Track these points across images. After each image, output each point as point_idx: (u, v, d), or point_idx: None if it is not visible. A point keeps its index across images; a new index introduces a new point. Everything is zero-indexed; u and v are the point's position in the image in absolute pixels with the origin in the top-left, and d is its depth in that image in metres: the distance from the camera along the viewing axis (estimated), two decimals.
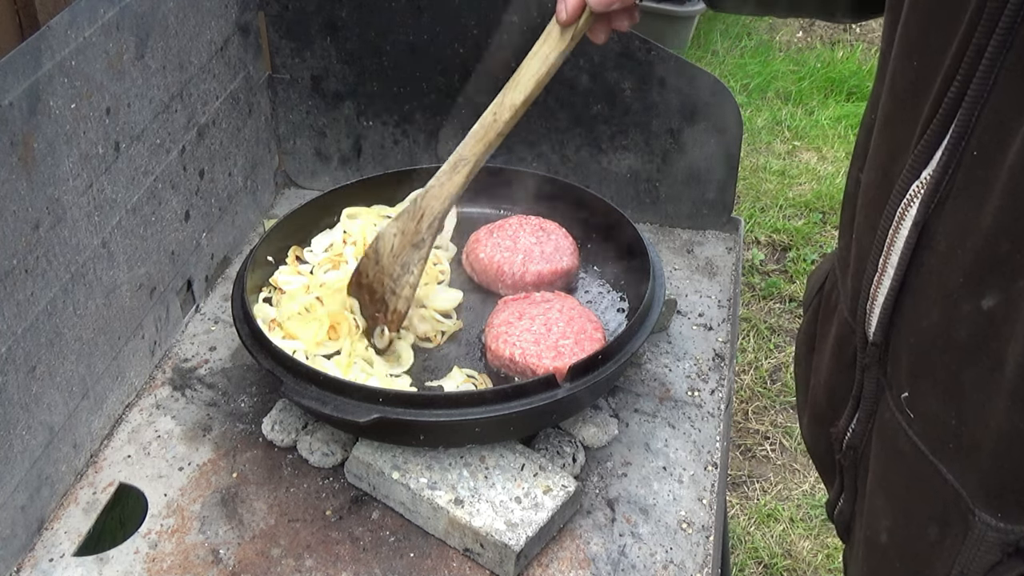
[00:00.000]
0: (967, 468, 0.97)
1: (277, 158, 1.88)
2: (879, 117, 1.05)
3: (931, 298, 0.96)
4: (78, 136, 1.25)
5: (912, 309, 0.99)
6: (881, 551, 1.11)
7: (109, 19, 1.29)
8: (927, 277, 0.96)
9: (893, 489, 1.09)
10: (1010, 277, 0.87)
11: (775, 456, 2.93)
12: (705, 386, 1.50)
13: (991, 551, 0.96)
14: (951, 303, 0.94)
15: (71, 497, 1.31)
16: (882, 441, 1.09)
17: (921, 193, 0.95)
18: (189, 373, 1.51)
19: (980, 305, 0.90)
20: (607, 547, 1.25)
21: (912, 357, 1.01)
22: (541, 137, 1.76)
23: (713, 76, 1.63)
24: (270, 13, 1.74)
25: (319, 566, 1.22)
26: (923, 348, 0.99)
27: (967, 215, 0.90)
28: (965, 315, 0.92)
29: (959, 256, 0.92)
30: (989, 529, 0.95)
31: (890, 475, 1.09)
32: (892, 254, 1.00)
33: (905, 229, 0.97)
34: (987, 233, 0.88)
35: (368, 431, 1.28)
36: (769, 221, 3.80)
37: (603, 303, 1.55)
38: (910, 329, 1.01)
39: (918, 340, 1.00)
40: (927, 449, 1.01)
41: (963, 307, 0.92)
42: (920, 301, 0.98)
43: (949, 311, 0.94)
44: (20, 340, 1.17)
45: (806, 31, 5.26)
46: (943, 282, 0.94)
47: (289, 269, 1.56)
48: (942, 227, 0.93)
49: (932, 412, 1.00)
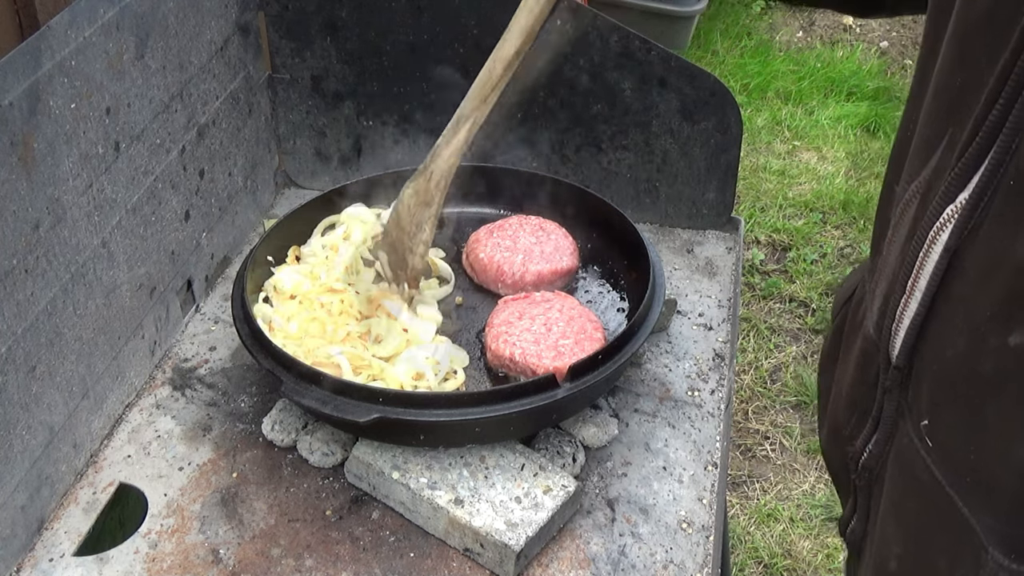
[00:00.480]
0: (983, 505, 0.94)
1: (277, 158, 1.88)
2: (919, 131, 1.01)
3: (958, 327, 0.93)
4: (78, 136, 1.25)
5: (937, 336, 0.96)
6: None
7: (109, 19, 1.29)
8: (955, 305, 0.93)
9: (906, 517, 1.06)
10: None
11: (775, 456, 2.93)
12: (705, 386, 1.50)
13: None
14: (978, 335, 0.90)
15: (71, 497, 1.31)
16: (898, 466, 1.06)
17: (955, 218, 0.91)
18: (189, 373, 1.51)
19: (1007, 341, 0.87)
20: (607, 547, 1.25)
21: (934, 385, 0.98)
22: (541, 137, 1.76)
23: (713, 76, 1.63)
24: (270, 13, 1.74)
25: (319, 566, 1.22)
26: (946, 377, 0.96)
27: (1001, 245, 0.87)
28: (992, 349, 0.89)
29: (989, 287, 0.88)
30: (1001, 569, 0.92)
31: (904, 502, 1.06)
32: (921, 278, 0.97)
33: (936, 253, 0.94)
34: (1020, 267, 0.85)
35: (368, 431, 1.28)
36: (769, 221, 3.80)
37: (603, 303, 1.55)
38: (934, 356, 0.97)
39: (941, 368, 0.96)
40: (944, 480, 0.97)
41: (990, 340, 0.89)
42: (946, 329, 0.95)
43: (975, 343, 0.91)
44: (20, 340, 1.17)
45: (806, 31, 5.26)
46: (971, 312, 0.91)
47: (290, 270, 1.56)
48: (974, 255, 0.90)
49: (951, 443, 0.97)
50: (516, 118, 1.75)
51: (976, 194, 0.89)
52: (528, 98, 1.73)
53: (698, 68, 1.63)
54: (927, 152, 0.99)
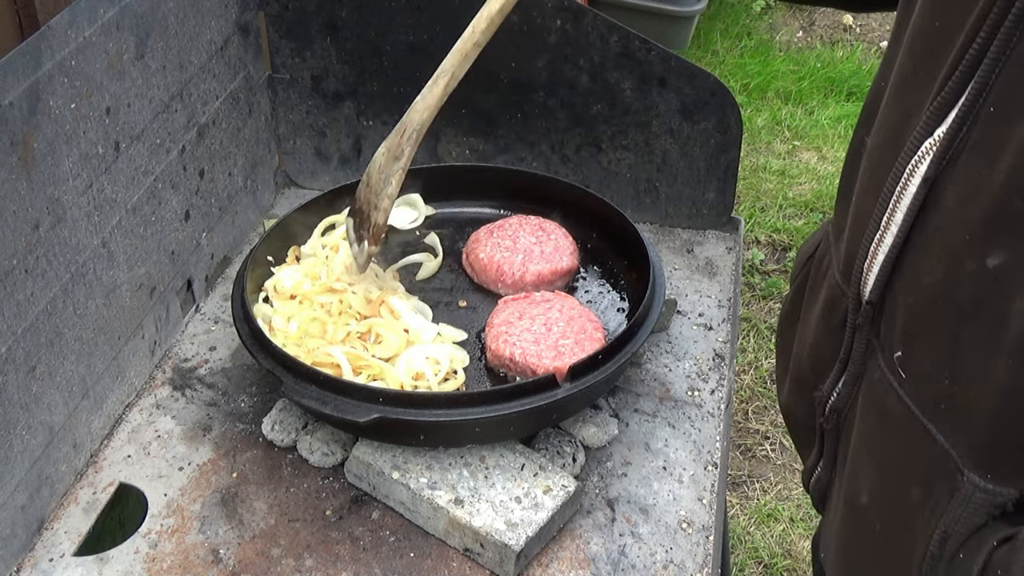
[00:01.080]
0: (959, 428, 0.96)
1: (277, 158, 1.88)
2: (894, 79, 1.05)
3: (934, 256, 0.96)
4: (78, 136, 1.25)
5: (913, 268, 0.99)
6: (861, 512, 1.11)
7: (109, 19, 1.29)
8: (931, 235, 0.96)
9: (878, 450, 1.08)
10: (1019, 235, 0.87)
11: (775, 456, 2.93)
12: (705, 386, 1.50)
13: (977, 513, 0.95)
14: (955, 261, 0.93)
15: (71, 497, 1.31)
16: (869, 402, 1.09)
17: (933, 150, 0.94)
18: (189, 373, 1.51)
19: (985, 263, 0.89)
20: (607, 547, 1.25)
21: (908, 316, 1.01)
22: (541, 137, 1.76)
23: (713, 76, 1.63)
24: (270, 13, 1.74)
25: (319, 566, 1.22)
26: (921, 307, 0.99)
27: (979, 172, 0.90)
28: (969, 273, 0.91)
29: (967, 213, 0.91)
30: (977, 490, 0.94)
31: (876, 436, 1.08)
32: (897, 212, 1.00)
33: (913, 186, 0.97)
34: (998, 191, 0.87)
35: (368, 431, 1.28)
36: (769, 221, 3.80)
37: (603, 303, 1.55)
38: (909, 288, 1.00)
39: (917, 298, 0.99)
40: (918, 410, 1.00)
41: (967, 265, 0.92)
42: (922, 259, 0.97)
43: (952, 268, 0.93)
44: (20, 340, 1.17)
45: (806, 31, 5.26)
46: (947, 240, 0.94)
47: (290, 270, 1.56)
48: (952, 184, 0.93)
49: (925, 372, 0.99)
50: (516, 118, 1.75)
51: (955, 125, 0.92)
52: (528, 98, 1.73)
53: (698, 68, 1.63)
54: (903, 95, 1.02)
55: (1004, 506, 0.93)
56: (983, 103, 0.90)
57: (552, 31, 1.65)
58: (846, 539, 1.16)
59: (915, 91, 0.99)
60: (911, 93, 1.00)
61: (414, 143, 1.40)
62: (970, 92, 0.90)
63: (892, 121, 1.04)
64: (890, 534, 1.06)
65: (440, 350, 1.41)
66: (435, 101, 1.38)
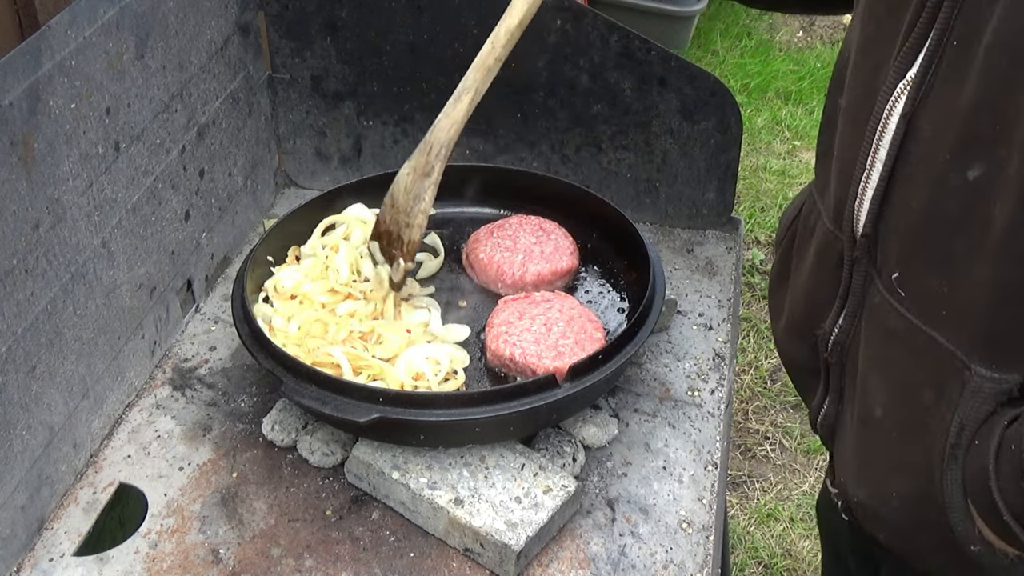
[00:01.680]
0: (961, 328, 1.06)
1: (277, 158, 1.88)
2: (858, 41, 1.16)
3: (919, 181, 1.05)
4: (78, 136, 1.25)
5: (902, 195, 1.08)
6: (876, 425, 1.19)
7: (109, 19, 1.29)
8: (915, 164, 1.06)
9: (886, 367, 1.17)
10: (991, 146, 0.97)
11: (775, 456, 2.93)
12: (705, 386, 1.50)
13: (987, 401, 1.04)
14: (939, 180, 1.03)
15: (71, 497, 1.31)
16: (872, 326, 1.17)
17: (908, 89, 1.05)
18: (189, 373, 1.51)
19: (967, 176, 0.99)
20: (607, 547, 1.25)
21: (903, 238, 1.10)
22: (541, 137, 1.76)
23: (713, 76, 1.63)
24: (270, 13, 1.74)
25: (319, 566, 1.22)
26: (914, 229, 1.08)
27: (949, 100, 1.00)
28: (953, 188, 1.01)
29: (944, 136, 1.01)
30: (985, 380, 1.04)
31: (882, 355, 1.17)
32: (880, 150, 1.09)
33: (892, 124, 1.07)
34: (967, 111, 0.98)
35: (368, 431, 1.28)
36: (769, 221, 3.80)
37: (603, 303, 1.55)
38: (900, 214, 1.09)
39: (909, 221, 1.08)
40: (920, 321, 1.09)
41: (950, 182, 1.01)
42: (909, 187, 1.07)
43: (937, 188, 1.03)
44: (20, 340, 1.17)
45: (806, 31, 5.26)
46: (930, 164, 1.03)
47: (291, 270, 1.56)
48: (927, 116, 1.03)
49: (924, 285, 1.09)
50: (516, 118, 1.75)
51: (924, 64, 1.03)
52: (528, 98, 1.73)
53: (698, 68, 1.63)
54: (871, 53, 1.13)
55: (1010, 392, 1.04)
56: (947, 40, 1.00)
57: (552, 31, 1.65)
58: (866, 454, 1.23)
59: (881, 46, 1.10)
60: (877, 49, 1.11)
61: (443, 159, 1.41)
62: (935, 33, 1.01)
63: (863, 76, 1.14)
64: (908, 438, 1.14)
65: (440, 350, 1.41)
66: (460, 117, 1.40)
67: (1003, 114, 0.95)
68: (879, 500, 1.22)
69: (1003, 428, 1.03)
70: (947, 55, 1.00)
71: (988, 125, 0.96)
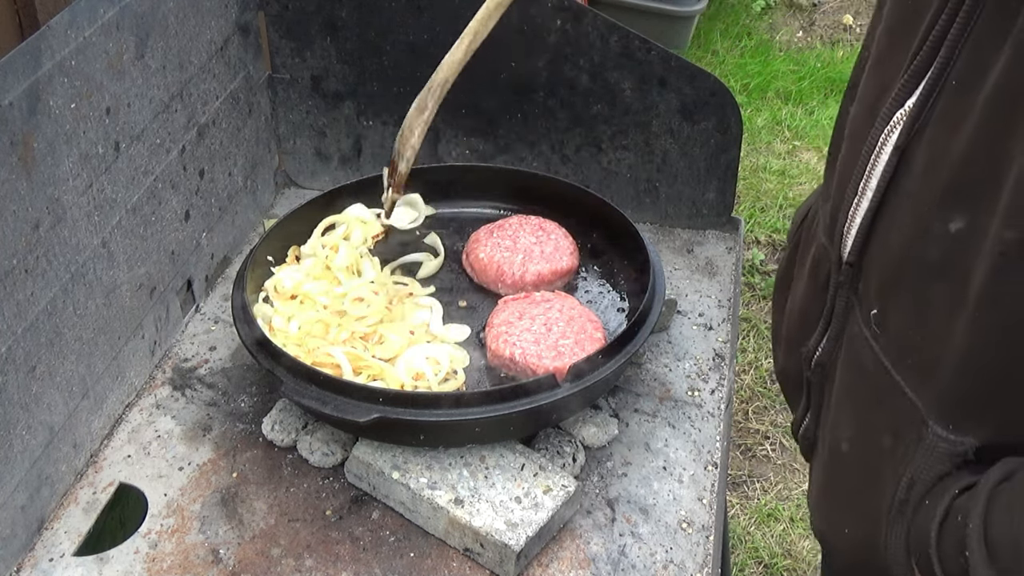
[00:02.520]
0: (924, 382, 1.01)
1: (277, 158, 1.88)
2: (874, 51, 1.12)
3: (904, 219, 1.02)
4: (78, 136, 1.25)
5: (886, 230, 1.05)
6: (841, 459, 1.17)
7: (109, 19, 1.29)
8: (903, 199, 1.02)
9: (855, 402, 1.15)
10: (978, 201, 0.92)
11: (775, 456, 2.93)
12: (705, 386, 1.50)
13: (941, 461, 1.00)
14: (923, 224, 0.99)
15: (71, 497, 1.31)
16: (848, 357, 1.15)
17: (904, 120, 1.01)
18: (189, 373, 1.51)
19: (948, 227, 0.95)
20: (607, 547, 1.25)
21: (883, 275, 1.07)
22: (541, 137, 1.76)
23: (713, 76, 1.63)
24: (270, 13, 1.74)
25: (319, 566, 1.22)
26: (894, 266, 1.05)
27: (943, 141, 0.95)
28: (935, 236, 0.97)
29: (933, 179, 0.97)
30: (940, 440, 0.99)
31: (854, 389, 1.14)
32: (872, 178, 1.06)
33: (886, 154, 1.03)
34: (959, 159, 0.93)
35: (368, 431, 1.28)
36: (769, 221, 3.80)
37: (603, 303, 1.55)
38: (883, 248, 1.06)
39: (890, 259, 1.05)
40: (889, 364, 1.06)
41: (933, 228, 0.97)
42: (894, 222, 1.04)
43: (920, 231, 0.99)
44: (20, 340, 1.17)
45: (806, 31, 5.26)
46: (917, 204, 1.00)
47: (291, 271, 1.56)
48: (920, 152, 0.99)
49: (898, 328, 1.05)
50: (516, 118, 1.75)
51: (923, 97, 0.98)
52: (528, 98, 1.73)
53: (698, 68, 1.63)
54: (880, 69, 1.09)
55: (965, 455, 0.99)
56: (947, 77, 0.96)
57: (552, 31, 1.65)
58: (828, 483, 1.22)
59: (891, 63, 1.05)
60: (888, 65, 1.07)
61: (437, 98, 1.46)
62: (936, 66, 0.97)
63: (870, 91, 1.10)
64: (866, 480, 1.12)
65: (440, 350, 1.41)
66: (458, 59, 1.44)
67: (992, 172, 0.90)
68: (833, 534, 1.21)
69: (953, 496, 0.98)
70: (945, 94, 0.96)
71: (977, 179, 0.92)
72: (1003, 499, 0.92)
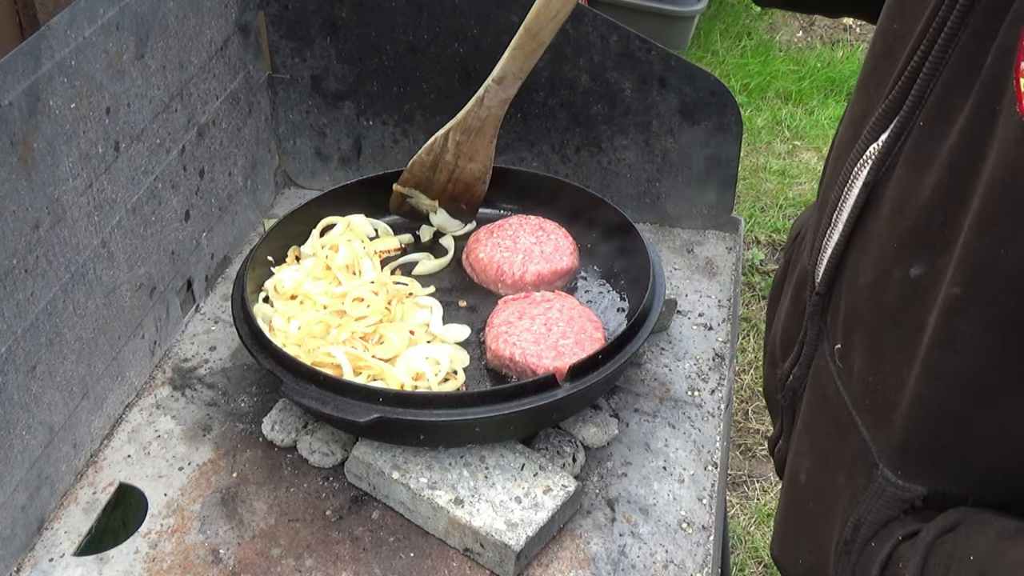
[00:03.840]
0: (878, 425, 1.01)
1: (277, 158, 1.88)
2: (860, 75, 1.10)
3: (869, 258, 1.00)
4: (78, 136, 1.25)
5: (853, 266, 1.04)
6: (799, 490, 1.17)
7: (109, 19, 1.29)
8: (869, 237, 1.00)
9: (816, 434, 1.14)
10: (936, 250, 0.90)
11: None
12: (705, 386, 1.50)
13: (888, 506, 0.99)
14: (884, 266, 0.97)
15: (71, 497, 1.31)
16: (814, 387, 1.14)
17: (875, 156, 0.99)
18: (189, 373, 1.51)
19: (909, 272, 0.94)
20: (607, 547, 1.26)
21: (847, 311, 1.06)
22: (541, 137, 1.76)
23: (713, 76, 1.63)
24: (270, 13, 1.74)
25: (319, 566, 1.22)
26: (856, 305, 1.03)
27: (910, 184, 0.94)
28: (895, 280, 0.96)
29: (898, 222, 0.95)
30: (889, 484, 0.99)
31: (815, 420, 1.14)
32: (844, 211, 1.05)
33: (857, 188, 1.01)
34: (923, 205, 0.91)
35: (368, 431, 1.28)
36: (769, 221, 3.80)
37: (603, 303, 1.55)
38: (848, 284, 1.05)
39: (853, 296, 1.04)
40: (849, 401, 1.05)
41: (894, 271, 0.96)
42: (860, 259, 1.02)
43: (881, 273, 0.98)
44: (20, 340, 1.17)
45: (806, 31, 5.26)
46: (881, 245, 0.98)
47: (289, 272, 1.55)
48: (888, 192, 0.97)
49: (856, 367, 1.04)
50: (516, 118, 1.75)
51: (894, 135, 0.96)
52: (528, 98, 1.73)
53: (698, 68, 1.63)
54: (864, 93, 1.07)
55: (913, 502, 0.98)
56: (916, 117, 0.93)
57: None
58: (786, 513, 1.21)
59: (873, 90, 1.03)
60: (871, 91, 1.05)
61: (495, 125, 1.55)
62: (908, 105, 0.94)
63: (854, 116, 1.08)
64: (819, 515, 1.11)
65: (440, 350, 1.41)
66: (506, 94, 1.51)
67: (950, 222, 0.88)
68: (788, 563, 1.20)
69: (897, 541, 0.97)
70: (914, 134, 0.94)
71: (938, 226, 0.90)
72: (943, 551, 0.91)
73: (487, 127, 1.53)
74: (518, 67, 1.45)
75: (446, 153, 1.56)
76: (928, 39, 0.91)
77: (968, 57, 0.87)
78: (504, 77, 1.47)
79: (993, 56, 0.84)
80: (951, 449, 0.94)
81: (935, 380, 0.92)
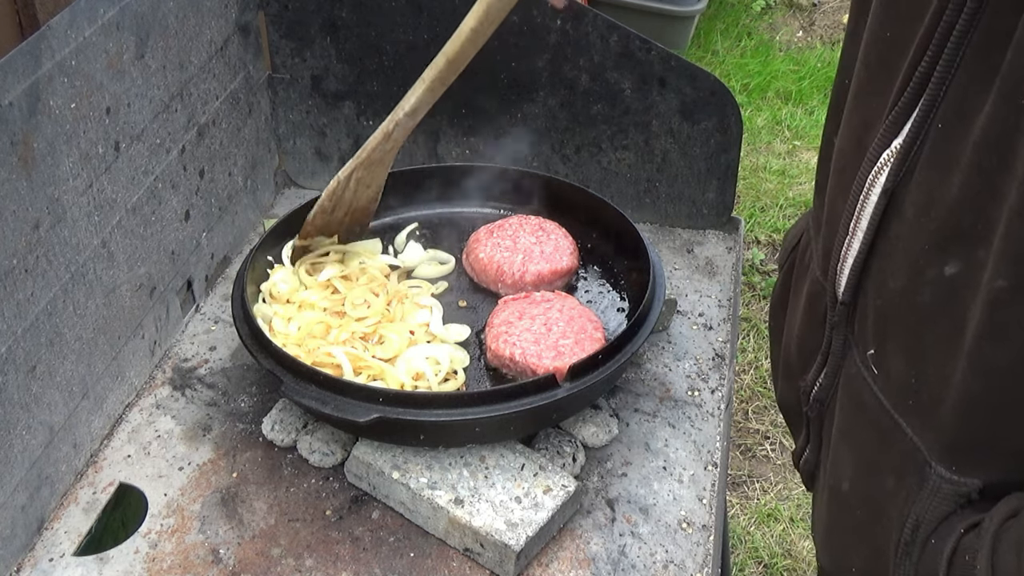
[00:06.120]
0: (925, 424, 1.01)
1: (277, 158, 1.88)
2: (853, 86, 1.09)
3: (897, 262, 1.00)
4: (78, 136, 1.25)
5: (879, 272, 1.04)
6: (843, 499, 1.16)
7: (109, 19, 1.29)
8: (894, 242, 1.01)
9: (855, 441, 1.13)
10: (971, 246, 0.91)
11: (775, 456, 2.93)
12: (705, 386, 1.50)
13: (945, 502, 1.00)
14: (916, 268, 0.98)
15: (71, 497, 1.31)
16: (847, 395, 1.14)
17: (891, 162, 0.99)
18: (189, 373, 1.51)
19: (943, 271, 0.94)
20: (607, 547, 1.25)
21: (878, 317, 1.06)
22: (541, 137, 1.76)
23: (713, 76, 1.63)
24: (270, 13, 1.74)
25: (319, 566, 1.22)
26: (888, 309, 1.03)
27: (933, 185, 0.94)
28: (929, 280, 0.96)
29: (925, 224, 0.95)
30: (944, 481, 0.99)
31: (853, 428, 1.14)
32: (862, 219, 1.05)
33: (875, 196, 1.01)
34: (951, 204, 0.92)
35: (368, 431, 1.28)
36: (769, 221, 3.80)
37: (603, 303, 1.55)
38: (877, 291, 1.05)
39: (884, 302, 1.04)
40: (889, 404, 1.05)
41: (927, 272, 0.96)
42: (887, 265, 1.02)
43: (914, 275, 0.98)
44: (20, 340, 1.17)
45: (806, 31, 5.26)
46: (909, 248, 0.98)
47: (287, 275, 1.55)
48: (910, 196, 0.97)
49: (895, 370, 1.04)
50: (516, 118, 1.75)
51: (909, 140, 0.96)
52: (528, 98, 1.73)
53: (698, 68, 1.63)
54: (863, 103, 1.06)
55: (969, 495, 0.98)
56: (932, 120, 0.93)
57: (552, 31, 1.65)
58: (832, 523, 1.21)
59: (873, 100, 1.03)
60: (869, 102, 1.04)
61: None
62: (920, 109, 0.94)
63: (854, 128, 1.08)
64: (870, 520, 1.11)
65: (440, 350, 1.41)
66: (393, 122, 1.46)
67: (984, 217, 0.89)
68: (841, 571, 1.20)
69: (959, 535, 0.98)
70: (931, 137, 0.94)
71: (970, 223, 0.91)
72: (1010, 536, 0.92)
73: (388, 157, 1.49)
74: (432, 99, 1.42)
75: (347, 192, 1.51)
76: (936, 41, 0.91)
77: (984, 55, 0.88)
78: (417, 109, 1.43)
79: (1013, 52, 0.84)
80: (1004, 438, 0.95)
81: (984, 372, 0.92)
